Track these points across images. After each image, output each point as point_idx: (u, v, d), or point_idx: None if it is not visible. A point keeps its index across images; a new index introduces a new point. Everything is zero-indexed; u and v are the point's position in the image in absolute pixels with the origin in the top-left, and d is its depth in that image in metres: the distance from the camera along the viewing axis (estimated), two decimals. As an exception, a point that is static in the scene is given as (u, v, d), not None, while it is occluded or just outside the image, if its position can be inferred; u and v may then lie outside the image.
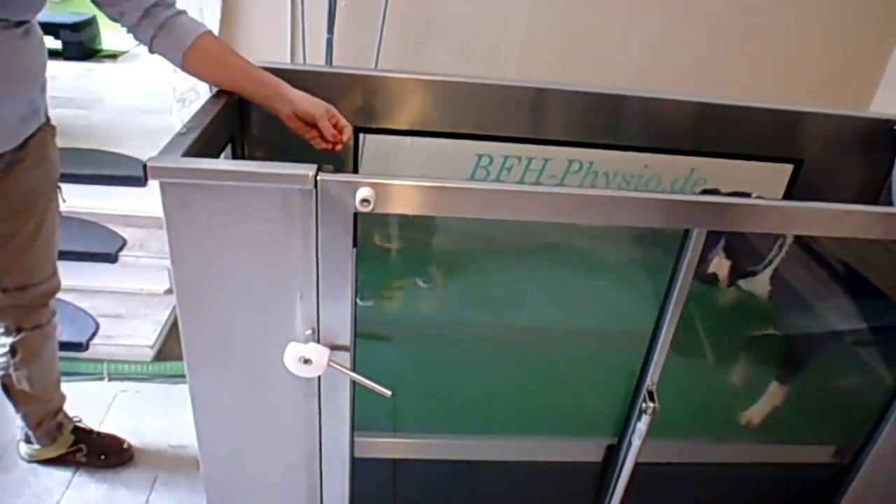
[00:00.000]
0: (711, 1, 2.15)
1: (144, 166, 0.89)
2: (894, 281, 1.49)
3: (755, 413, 1.55)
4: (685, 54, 2.22)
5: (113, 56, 4.05)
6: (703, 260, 1.37)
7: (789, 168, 1.65)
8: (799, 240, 1.50)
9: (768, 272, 1.52)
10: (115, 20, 1.18)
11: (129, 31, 1.20)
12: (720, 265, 1.42)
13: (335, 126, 1.26)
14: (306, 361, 1.01)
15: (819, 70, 2.28)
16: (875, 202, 1.66)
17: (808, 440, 1.52)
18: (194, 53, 1.18)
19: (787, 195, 1.66)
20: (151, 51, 1.20)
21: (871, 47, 2.26)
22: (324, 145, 1.27)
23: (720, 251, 1.42)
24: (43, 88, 1.36)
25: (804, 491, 1.53)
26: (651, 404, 1.20)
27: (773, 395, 1.57)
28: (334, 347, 1.04)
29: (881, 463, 1.36)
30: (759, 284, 1.52)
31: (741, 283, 1.53)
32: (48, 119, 1.42)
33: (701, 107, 1.58)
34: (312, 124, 1.25)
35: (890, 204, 1.59)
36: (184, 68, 1.20)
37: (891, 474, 1.39)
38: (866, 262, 1.53)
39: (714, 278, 1.42)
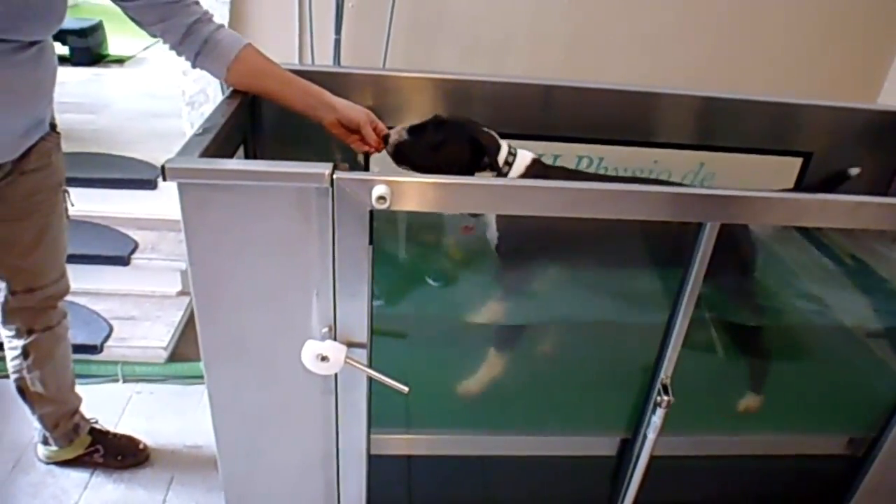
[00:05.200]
0: (717, -5, 2.15)
1: (163, 168, 0.91)
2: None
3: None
4: (691, 48, 2.22)
5: (120, 61, 4.06)
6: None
7: (799, 160, 1.65)
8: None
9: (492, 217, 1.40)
10: (156, 37, 1.21)
11: (171, 49, 1.23)
12: (399, 131, 1.34)
13: (375, 130, 1.32)
14: (324, 359, 1.01)
15: (827, 63, 2.28)
16: (885, 194, 1.66)
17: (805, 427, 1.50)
18: (238, 66, 1.22)
19: (798, 187, 1.66)
20: (195, 66, 1.23)
21: (879, 39, 2.26)
22: (365, 149, 1.33)
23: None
24: (51, 100, 1.38)
25: (819, 482, 1.53)
26: (665, 397, 1.21)
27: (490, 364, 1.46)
28: (351, 345, 1.05)
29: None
30: (490, 230, 1.42)
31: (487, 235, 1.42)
32: (53, 126, 1.43)
33: (709, 101, 1.58)
34: (355, 130, 1.30)
35: (900, 195, 1.58)
36: (227, 81, 1.24)
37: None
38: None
39: (386, 139, 1.34)
